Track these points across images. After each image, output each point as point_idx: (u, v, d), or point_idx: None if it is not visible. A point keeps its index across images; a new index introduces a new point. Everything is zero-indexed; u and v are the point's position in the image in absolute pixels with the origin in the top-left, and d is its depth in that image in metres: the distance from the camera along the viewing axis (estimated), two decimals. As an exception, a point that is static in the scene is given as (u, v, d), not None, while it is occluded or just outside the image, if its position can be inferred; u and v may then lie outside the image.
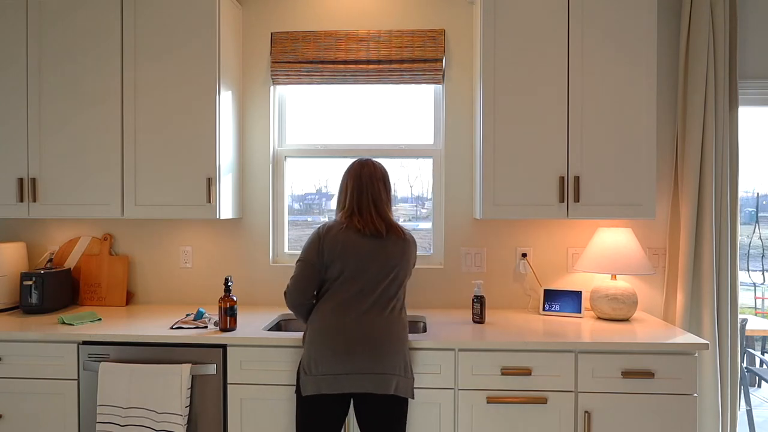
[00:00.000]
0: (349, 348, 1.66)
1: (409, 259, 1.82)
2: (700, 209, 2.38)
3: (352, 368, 1.65)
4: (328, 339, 1.68)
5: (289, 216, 2.72)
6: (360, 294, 1.74)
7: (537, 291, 2.53)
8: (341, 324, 1.69)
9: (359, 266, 1.74)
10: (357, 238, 1.77)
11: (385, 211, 1.84)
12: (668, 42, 2.50)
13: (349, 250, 1.75)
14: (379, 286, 1.75)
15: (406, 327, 1.78)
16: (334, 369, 1.66)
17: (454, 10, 2.54)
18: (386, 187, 1.88)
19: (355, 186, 1.84)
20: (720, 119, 2.37)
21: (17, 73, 2.31)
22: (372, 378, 1.66)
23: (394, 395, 1.69)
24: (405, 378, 1.71)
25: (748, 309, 5.65)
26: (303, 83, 2.56)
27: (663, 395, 1.88)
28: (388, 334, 1.70)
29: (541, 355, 1.91)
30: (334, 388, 1.65)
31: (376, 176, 1.85)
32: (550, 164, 2.18)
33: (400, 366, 1.70)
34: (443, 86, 2.57)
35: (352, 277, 1.75)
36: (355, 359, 1.65)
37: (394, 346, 1.69)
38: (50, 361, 2.01)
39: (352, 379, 1.65)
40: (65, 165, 2.30)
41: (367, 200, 1.82)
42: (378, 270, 1.75)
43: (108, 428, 1.89)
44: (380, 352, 1.67)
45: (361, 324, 1.69)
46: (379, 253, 1.76)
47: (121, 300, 2.53)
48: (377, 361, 1.66)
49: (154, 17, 2.27)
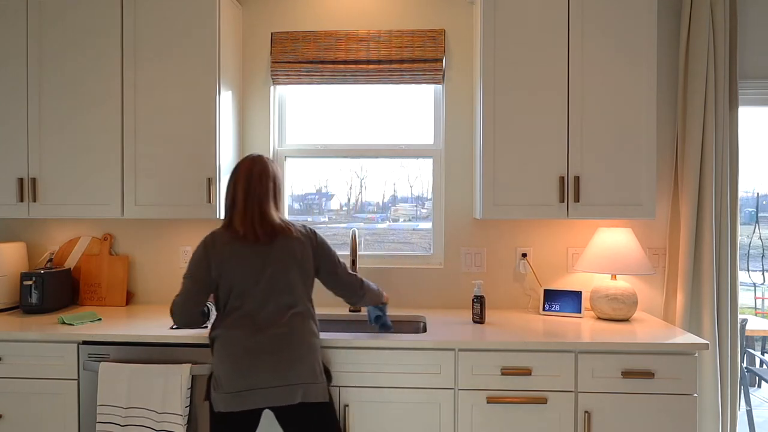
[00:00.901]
0: (251, 363, 1.64)
1: (305, 257, 1.78)
2: (700, 209, 2.38)
3: (255, 383, 1.64)
4: (230, 356, 1.65)
5: (289, 216, 2.72)
6: (257, 306, 1.71)
7: (537, 291, 2.53)
8: (241, 340, 1.66)
9: (249, 280, 1.71)
10: (242, 250, 1.72)
11: (269, 214, 1.76)
12: (668, 42, 2.50)
13: (236, 266, 1.71)
14: (272, 297, 1.71)
15: (312, 331, 1.74)
16: (238, 386, 1.64)
17: (454, 10, 2.54)
18: (275, 186, 1.81)
19: (242, 186, 1.76)
20: (720, 119, 2.37)
21: (17, 73, 2.31)
22: (275, 391, 1.64)
23: (309, 403, 1.68)
24: (314, 384, 1.68)
25: (748, 309, 5.65)
26: (303, 83, 2.56)
27: (663, 395, 1.88)
28: (288, 344, 1.67)
29: (541, 355, 1.91)
30: (240, 405, 1.63)
31: (266, 174, 1.78)
32: (550, 164, 2.18)
33: (305, 374, 1.67)
34: (443, 86, 2.57)
35: (244, 292, 1.71)
36: (258, 374, 1.64)
37: (296, 354, 1.67)
38: (50, 361, 2.00)
39: (256, 394, 1.64)
40: (65, 165, 2.30)
41: (252, 202, 1.75)
42: (269, 279, 1.72)
43: (108, 428, 1.89)
44: (282, 364, 1.65)
45: (261, 338, 1.67)
46: (266, 263, 1.72)
47: (121, 300, 2.53)
48: (280, 373, 1.65)
49: (154, 17, 2.27)
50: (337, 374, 1.94)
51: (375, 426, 1.93)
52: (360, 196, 2.75)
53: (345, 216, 2.76)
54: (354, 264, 2.39)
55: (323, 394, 1.70)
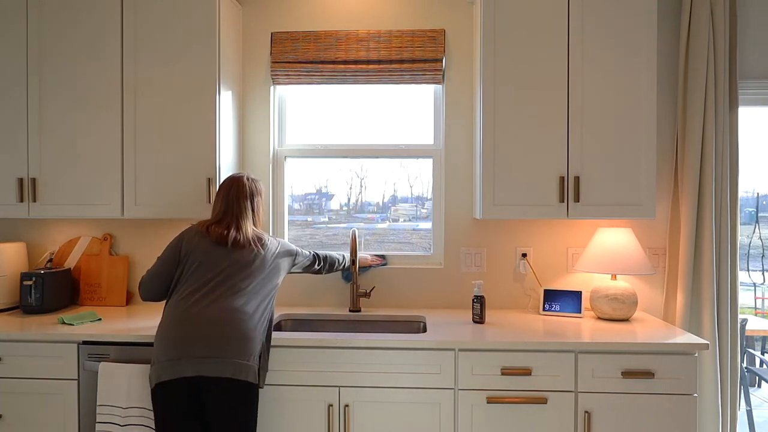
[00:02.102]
0: (189, 334, 1.71)
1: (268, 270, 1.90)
2: (700, 209, 2.38)
3: (190, 353, 1.69)
4: (171, 328, 1.74)
5: (289, 216, 2.72)
6: (204, 295, 1.78)
7: (537, 291, 2.53)
8: (186, 313, 1.75)
9: (206, 274, 1.82)
10: (209, 247, 1.87)
11: (242, 230, 1.91)
12: (668, 42, 2.50)
13: (198, 257, 1.86)
14: (222, 295, 1.79)
15: (255, 328, 1.79)
16: (172, 354, 1.70)
17: (454, 10, 2.54)
18: (252, 204, 1.99)
19: (223, 202, 1.96)
20: (720, 119, 2.37)
21: (17, 73, 2.31)
22: (208, 362, 1.69)
23: (235, 379, 1.71)
24: (246, 363, 1.73)
25: (748, 309, 5.65)
26: (303, 83, 2.56)
27: (663, 395, 1.88)
28: (230, 322, 1.74)
29: (541, 355, 1.91)
30: (172, 374, 1.69)
31: (243, 194, 1.97)
32: (550, 164, 2.18)
33: (238, 351, 1.72)
34: (443, 86, 2.57)
35: (197, 282, 1.81)
36: (193, 345, 1.70)
37: (236, 333, 1.73)
38: (50, 361, 2.00)
39: (189, 363, 1.69)
40: (65, 165, 2.30)
41: (230, 216, 1.94)
42: (224, 281, 1.81)
43: (108, 428, 1.89)
44: (220, 338, 1.71)
45: (206, 313, 1.74)
46: (226, 266, 1.84)
47: (121, 300, 2.53)
48: (216, 346, 1.70)
49: (154, 17, 2.27)
50: (337, 374, 1.94)
51: (375, 426, 1.93)
52: (360, 196, 2.75)
53: (345, 216, 2.76)
54: (354, 264, 2.39)
55: (254, 375, 1.75)
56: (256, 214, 2.00)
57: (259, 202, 2.03)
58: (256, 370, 1.77)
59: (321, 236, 2.72)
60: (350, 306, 2.46)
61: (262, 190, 2.06)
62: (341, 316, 2.41)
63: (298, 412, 1.94)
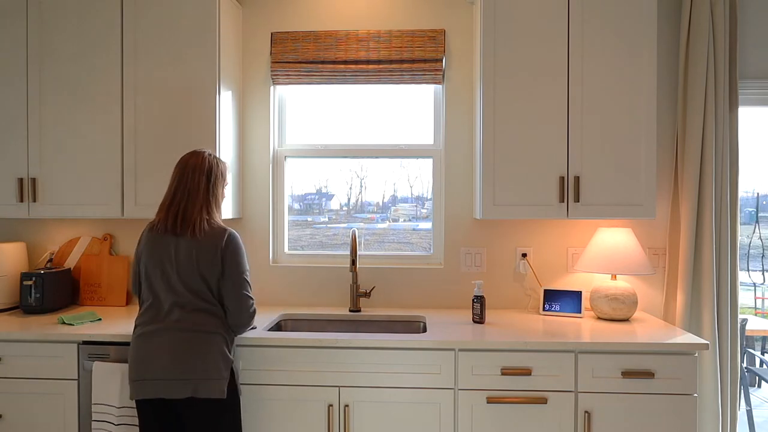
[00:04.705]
0: (148, 355, 1.68)
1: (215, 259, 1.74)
2: (700, 209, 2.38)
3: (151, 374, 1.67)
4: (136, 346, 1.72)
5: (289, 216, 2.72)
6: (162, 299, 1.74)
7: (537, 291, 2.53)
8: (147, 330, 1.72)
9: (157, 271, 1.74)
10: (154, 240, 1.77)
11: (190, 210, 1.76)
12: (668, 42, 2.50)
13: (148, 257, 1.76)
14: (178, 291, 1.73)
15: (215, 329, 1.73)
16: (136, 375, 1.69)
17: (454, 10, 2.54)
18: (209, 181, 1.80)
19: (176, 177, 1.80)
20: (720, 119, 2.37)
21: (17, 73, 2.31)
22: (169, 383, 1.66)
23: (201, 398, 1.68)
24: (207, 380, 1.67)
25: (748, 309, 5.65)
26: (303, 83, 2.56)
27: (663, 395, 1.88)
28: (188, 339, 1.68)
29: (541, 355, 1.91)
30: (139, 394, 1.68)
31: (200, 169, 1.79)
32: (550, 164, 2.18)
33: (199, 369, 1.67)
34: (443, 86, 2.57)
35: (152, 284, 1.75)
36: (153, 366, 1.67)
37: (194, 349, 1.68)
38: (50, 361, 2.00)
39: (150, 385, 1.67)
40: (65, 165, 2.30)
41: (181, 194, 1.77)
42: (177, 274, 1.73)
43: (103, 426, 1.90)
44: (177, 358, 1.67)
45: (162, 331, 1.70)
46: (173, 257, 1.74)
47: (121, 300, 2.53)
48: (174, 366, 1.66)
49: (154, 17, 2.27)
50: (337, 374, 1.94)
51: (375, 426, 1.93)
52: (360, 196, 2.75)
53: (345, 216, 2.76)
54: (354, 264, 2.39)
55: (219, 391, 1.69)
56: (213, 194, 1.81)
57: (220, 182, 1.84)
58: (222, 383, 1.70)
59: (321, 236, 2.73)
60: (350, 306, 2.46)
61: (225, 173, 1.88)
62: (341, 316, 2.41)
63: (298, 412, 1.94)
